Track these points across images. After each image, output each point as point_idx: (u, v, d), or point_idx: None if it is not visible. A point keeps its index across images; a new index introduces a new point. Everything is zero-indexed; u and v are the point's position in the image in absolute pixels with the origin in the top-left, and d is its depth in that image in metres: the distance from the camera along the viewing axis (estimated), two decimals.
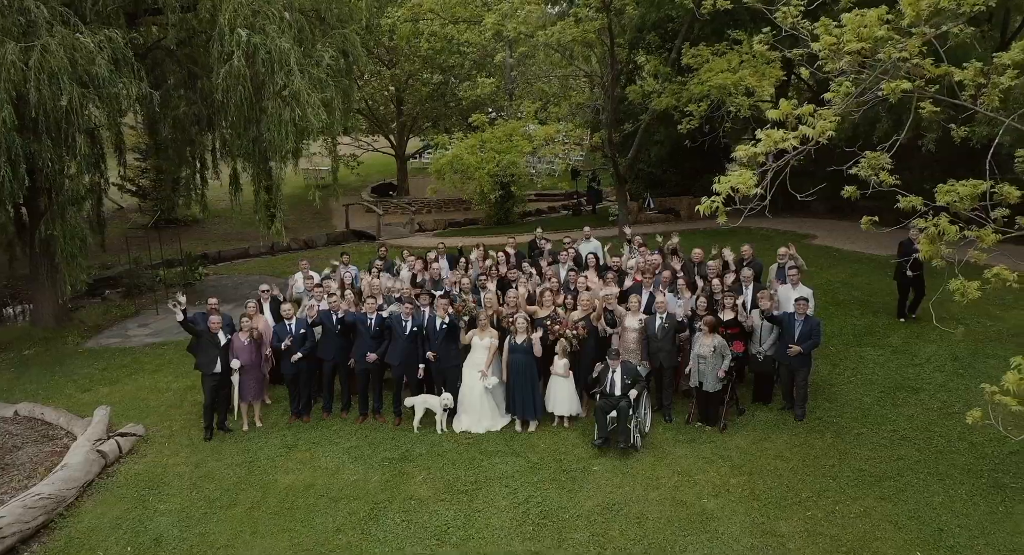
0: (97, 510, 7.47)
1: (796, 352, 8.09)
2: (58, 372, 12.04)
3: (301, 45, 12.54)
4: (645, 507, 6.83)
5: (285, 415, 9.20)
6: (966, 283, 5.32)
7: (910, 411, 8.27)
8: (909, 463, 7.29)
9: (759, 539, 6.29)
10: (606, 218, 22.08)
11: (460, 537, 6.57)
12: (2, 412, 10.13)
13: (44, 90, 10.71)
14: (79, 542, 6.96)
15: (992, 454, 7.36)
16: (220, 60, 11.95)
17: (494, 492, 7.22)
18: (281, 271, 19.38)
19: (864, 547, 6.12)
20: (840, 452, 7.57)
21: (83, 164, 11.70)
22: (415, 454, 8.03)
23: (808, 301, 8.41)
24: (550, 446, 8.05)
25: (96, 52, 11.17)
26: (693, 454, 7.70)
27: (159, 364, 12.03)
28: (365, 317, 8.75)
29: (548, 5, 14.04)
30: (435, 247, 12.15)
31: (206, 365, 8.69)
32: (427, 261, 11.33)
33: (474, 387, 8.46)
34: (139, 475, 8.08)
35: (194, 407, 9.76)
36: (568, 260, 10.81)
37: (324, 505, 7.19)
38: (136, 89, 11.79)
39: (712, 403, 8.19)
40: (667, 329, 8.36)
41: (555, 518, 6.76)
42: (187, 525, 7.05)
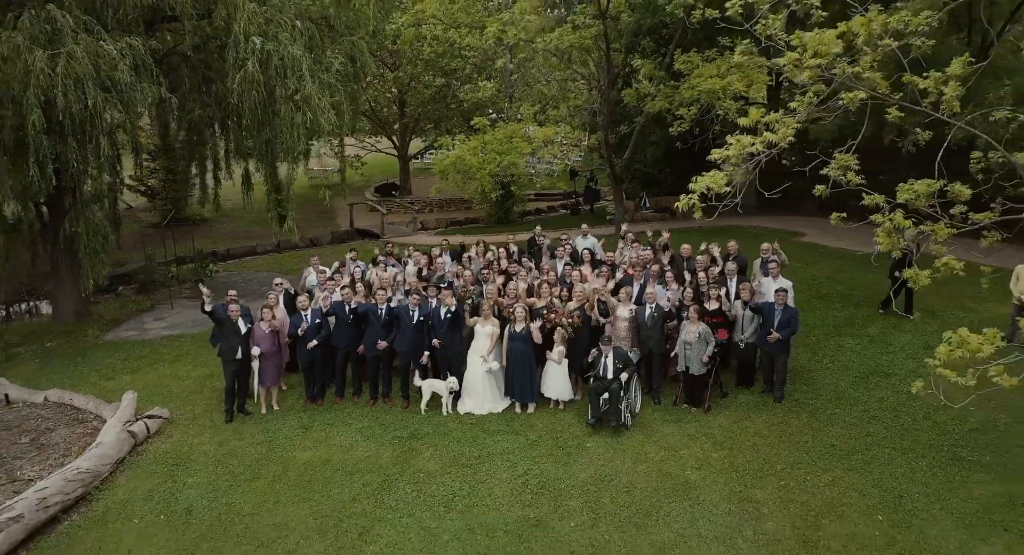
0: (130, 484, 8.12)
1: (775, 339, 8.74)
2: (81, 362, 12.68)
3: (312, 52, 13.17)
4: (634, 478, 7.48)
5: (300, 400, 9.85)
6: (918, 272, 5.95)
7: (881, 394, 8.92)
8: (876, 439, 7.94)
9: (736, 505, 6.94)
10: (604, 217, 22.74)
11: (465, 504, 7.22)
12: (33, 398, 10.77)
13: (70, 95, 11.30)
14: (115, 511, 7.60)
15: (953, 431, 8.01)
16: (235, 66, 12.57)
17: (496, 466, 7.87)
18: (289, 268, 20.01)
19: (831, 511, 6.77)
20: (814, 430, 8.23)
21: (105, 164, 12.32)
22: (423, 433, 8.68)
23: (787, 292, 9.05)
24: (547, 425, 8.71)
25: (118, 59, 11.77)
26: (679, 432, 8.35)
27: (177, 355, 12.67)
28: (376, 307, 9.40)
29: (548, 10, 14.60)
30: (439, 244, 12.81)
31: (228, 352, 9.31)
32: (431, 257, 11.98)
33: (477, 372, 9.12)
34: (167, 453, 8.72)
35: (214, 393, 10.41)
36: (565, 255, 11.46)
37: (340, 478, 7.84)
38: (155, 93, 12.45)
39: (697, 386, 8.84)
40: (656, 318, 9.01)
41: (551, 488, 7.41)
42: (215, 496, 7.70)
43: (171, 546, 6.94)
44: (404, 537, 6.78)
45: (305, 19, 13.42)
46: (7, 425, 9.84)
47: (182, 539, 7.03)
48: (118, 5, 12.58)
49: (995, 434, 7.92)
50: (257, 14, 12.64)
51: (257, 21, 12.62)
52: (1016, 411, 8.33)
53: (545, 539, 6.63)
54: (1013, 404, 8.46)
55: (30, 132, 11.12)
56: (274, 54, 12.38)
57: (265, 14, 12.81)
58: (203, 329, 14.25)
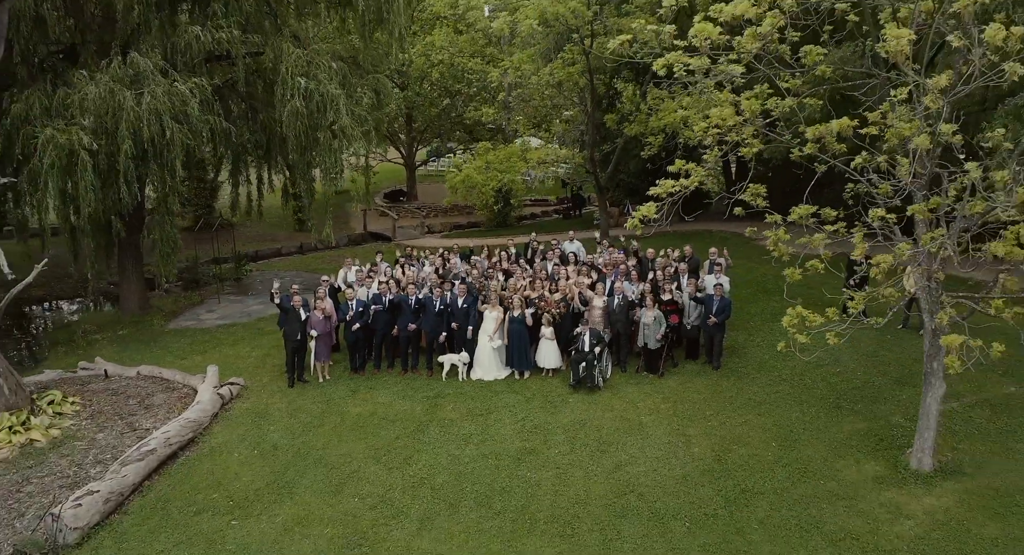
0: (225, 431, 10.80)
1: (714, 322, 11.47)
2: (154, 346, 15.33)
3: (344, 87, 15.83)
4: (602, 422, 10.20)
5: (346, 371, 12.53)
6: (794, 270, 8.64)
7: (792, 363, 11.61)
8: (782, 394, 10.69)
9: (674, 438, 9.67)
10: (591, 221, 25.45)
11: (479, 440, 9.93)
12: (127, 373, 13.41)
13: (152, 127, 13.94)
14: (219, 449, 10.28)
15: (839, 388, 10.77)
16: (283, 101, 15.22)
17: (501, 415, 10.58)
18: (313, 267, 22.69)
19: (740, 441, 9.50)
20: (738, 389, 10.97)
21: (178, 183, 14.96)
22: (445, 393, 11.39)
23: (723, 286, 11.78)
24: (539, 387, 11.43)
25: (188, 96, 14.43)
26: (638, 391, 11.09)
27: (234, 339, 15.34)
28: (407, 298, 12.09)
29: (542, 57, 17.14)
30: (451, 247, 15.51)
31: (291, 334, 11.98)
32: (445, 258, 14.69)
33: (485, 348, 11.83)
34: (249, 410, 11.41)
35: (274, 367, 13.09)
36: (554, 257, 14.18)
37: (385, 424, 10.54)
38: (216, 123, 15.13)
39: (653, 357, 11.57)
40: (622, 306, 11.73)
41: (542, 429, 10.12)
42: (292, 437, 10.39)
43: (266, 470, 9.62)
44: (436, 461, 9.49)
45: (338, 60, 16.08)
46: (115, 392, 12.49)
47: (273, 466, 9.71)
48: (185, 50, 15.29)
49: (870, 390, 10.68)
50: (300, 57, 15.33)
51: (300, 63, 15.30)
52: (891, 374, 11.09)
53: (536, 460, 9.35)
54: (890, 369, 11.22)
55: (121, 158, 13.76)
56: (315, 92, 15.06)
57: (306, 57, 15.49)
58: (252, 319, 17.00)
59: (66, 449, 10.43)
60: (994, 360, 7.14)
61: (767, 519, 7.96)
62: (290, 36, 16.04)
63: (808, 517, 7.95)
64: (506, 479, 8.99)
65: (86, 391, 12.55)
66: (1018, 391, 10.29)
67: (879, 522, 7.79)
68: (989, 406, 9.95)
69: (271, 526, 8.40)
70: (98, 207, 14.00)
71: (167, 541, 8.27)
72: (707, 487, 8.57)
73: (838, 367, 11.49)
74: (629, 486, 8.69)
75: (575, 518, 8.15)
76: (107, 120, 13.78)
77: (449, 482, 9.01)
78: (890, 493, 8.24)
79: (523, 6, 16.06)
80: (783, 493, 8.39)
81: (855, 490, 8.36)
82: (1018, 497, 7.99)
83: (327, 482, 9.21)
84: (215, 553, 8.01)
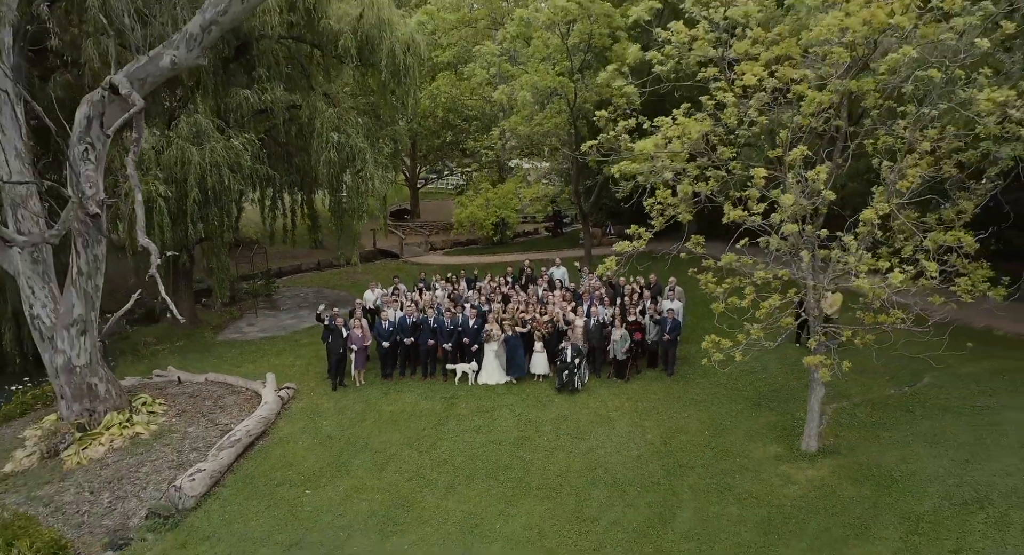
0: (288, 425, 13.88)
1: (667, 339, 14.66)
2: (209, 356, 18.37)
3: (368, 138, 18.92)
4: (580, 416, 13.37)
5: (378, 377, 15.63)
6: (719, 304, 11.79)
7: (730, 371, 14.73)
8: (718, 396, 13.90)
9: (633, 428, 12.86)
10: (576, 239, 28.64)
11: (486, 430, 13.07)
12: (196, 379, 16.46)
13: (213, 176, 17.00)
14: (286, 439, 13.36)
15: (762, 390, 13.99)
16: (318, 151, 18.31)
17: (502, 411, 13.73)
18: (333, 284, 25.79)
19: (682, 430, 12.69)
20: (685, 390, 14.18)
21: (233, 221, 18.00)
22: (459, 395, 14.52)
23: (675, 311, 14.97)
24: (532, 390, 14.59)
25: (241, 150, 17.50)
26: (608, 393, 14.27)
27: (277, 350, 18.40)
28: (427, 319, 15.22)
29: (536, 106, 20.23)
30: (458, 273, 18.64)
31: (335, 348, 15.05)
32: (453, 283, 17.81)
33: (489, 358, 14.97)
34: (304, 409, 14.49)
35: (317, 374, 16.17)
36: (544, 283, 17.34)
37: (413, 419, 13.66)
38: (263, 171, 18.19)
39: (621, 366, 14.75)
40: (598, 326, 14.89)
41: (535, 421, 13.28)
42: (342, 429, 13.49)
43: (325, 454, 12.71)
44: (455, 446, 12.62)
45: (363, 115, 19.17)
46: (191, 395, 15.53)
47: (330, 451, 12.81)
48: (237, 109, 18.31)
49: (784, 392, 13.91)
50: (332, 115, 18.41)
51: (332, 119, 18.40)
52: (803, 380, 14.31)
53: (530, 445, 12.50)
54: (803, 376, 14.44)
55: (189, 203, 16.79)
56: (345, 144, 18.16)
57: (338, 113, 18.59)
58: (288, 332, 20.07)
59: (165, 440, 13.49)
60: (845, 372, 10.37)
61: (695, 485, 11.16)
62: (322, 94, 19.08)
63: (724, 484, 11.15)
64: (507, 459, 12.14)
65: (166, 394, 15.58)
66: (895, 393, 13.53)
67: (773, 486, 10.99)
68: (871, 404, 13.20)
69: (335, 494, 11.50)
70: (168, 241, 17.01)
71: (258, 505, 11.36)
72: (654, 463, 11.76)
73: (764, 374, 14.73)
74: (598, 463, 11.86)
75: (558, 486, 11.31)
76: (176, 171, 16.80)
77: (465, 461, 12.15)
78: (784, 467, 11.46)
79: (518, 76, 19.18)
80: (708, 467, 11.59)
81: (760, 465, 11.57)
82: (874, 470, 11.20)
83: (373, 462, 12.33)
84: (296, 513, 11.10)
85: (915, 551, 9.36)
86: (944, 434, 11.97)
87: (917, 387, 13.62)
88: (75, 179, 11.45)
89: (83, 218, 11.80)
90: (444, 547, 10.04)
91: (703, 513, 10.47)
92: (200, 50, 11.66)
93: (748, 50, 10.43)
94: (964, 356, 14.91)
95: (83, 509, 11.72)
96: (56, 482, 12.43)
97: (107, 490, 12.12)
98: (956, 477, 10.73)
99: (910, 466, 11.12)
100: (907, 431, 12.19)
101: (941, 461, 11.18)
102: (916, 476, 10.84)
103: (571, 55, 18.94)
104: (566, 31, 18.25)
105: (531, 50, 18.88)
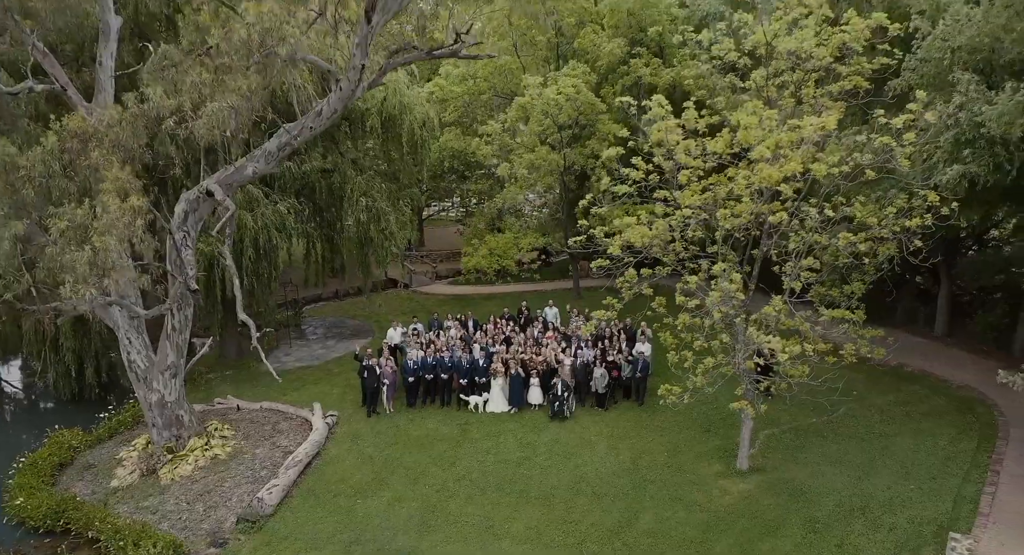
0: (335, 448, 17.39)
1: (639, 377, 18.29)
2: (257, 385, 21.79)
3: (391, 200, 22.44)
4: (569, 440, 16.97)
5: (403, 406, 19.15)
6: (674, 355, 15.38)
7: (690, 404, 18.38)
8: (676, 423, 17.52)
9: (610, 450, 16.46)
10: (565, 270, 32.18)
11: (494, 451, 16.63)
12: (252, 407, 19.91)
13: (263, 236, 20.46)
14: (334, 459, 16.86)
15: (711, 418, 17.61)
16: (348, 211, 21.81)
17: (507, 436, 17.30)
18: (352, 313, 29.24)
19: (648, 450, 16.30)
20: (651, 419, 17.80)
21: (278, 272, 21.47)
22: (470, 421, 18.08)
23: (645, 352, 18.58)
24: (529, 418, 18.18)
25: (285, 213, 20.97)
26: (591, 421, 17.87)
27: (316, 379, 21.88)
28: (443, 359, 18.77)
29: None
30: (465, 314, 22.20)
31: (370, 382, 18.56)
32: (464, 323, 21.37)
33: (495, 391, 18.54)
34: (346, 433, 18.00)
35: (353, 402, 19.66)
36: (539, 324, 20.93)
37: (435, 442, 17.20)
38: (303, 229, 21.68)
39: (601, 398, 18.36)
40: (583, 365, 18.48)
41: (532, 444, 16.87)
42: (379, 450, 17.01)
43: (368, 471, 16.22)
44: (471, 464, 16.18)
45: (387, 180, 22.69)
46: (251, 421, 19.00)
47: (372, 468, 16.33)
48: (281, 177, 21.78)
49: (730, 421, 17.49)
50: (360, 182, 21.92)
51: (360, 185, 21.90)
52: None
53: (529, 463, 16.08)
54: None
55: (244, 260, 20.23)
56: (372, 207, 21.66)
57: (365, 180, 22.10)
58: (321, 362, 23.54)
59: (239, 460, 16.97)
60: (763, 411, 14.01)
61: (655, 495, 14.75)
62: (351, 161, 22.56)
63: (677, 494, 14.75)
64: (512, 474, 15.71)
65: (230, 420, 19.04)
66: (816, 422, 17.16)
67: (713, 497, 14.61)
68: (795, 431, 16.85)
69: (379, 502, 15.02)
70: (226, 291, 20.46)
71: (321, 512, 14.86)
72: (624, 478, 15.37)
73: (715, 404, 18.28)
74: (582, 478, 15.45)
75: (551, 496, 14.89)
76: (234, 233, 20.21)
77: (479, 477, 15.71)
78: (722, 481, 15.09)
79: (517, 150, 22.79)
80: (666, 481, 15.21)
81: (704, 480, 15.20)
82: (788, 484, 14.83)
83: (407, 477, 15.86)
84: (351, 518, 14.61)
85: (810, 546, 13.01)
86: (846, 456, 15.68)
87: (833, 416, 17.23)
88: (179, 261, 14.88)
89: (183, 291, 15.23)
90: (467, 543, 13.59)
91: (660, 516, 14.08)
92: (276, 162, 15.14)
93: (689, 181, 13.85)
94: (876, 389, 18.75)
95: (183, 516, 15.19)
96: (157, 495, 15.90)
97: (200, 501, 15.60)
98: (848, 490, 14.42)
99: (816, 481, 14.81)
100: (818, 453, 15.88)
101: (839, 477, 14.88)
102: (818, 489, 14.52)
103: (561, 129, 22.53)
104: (556, 113, 21.84)
105: (529, 128, 22.45)
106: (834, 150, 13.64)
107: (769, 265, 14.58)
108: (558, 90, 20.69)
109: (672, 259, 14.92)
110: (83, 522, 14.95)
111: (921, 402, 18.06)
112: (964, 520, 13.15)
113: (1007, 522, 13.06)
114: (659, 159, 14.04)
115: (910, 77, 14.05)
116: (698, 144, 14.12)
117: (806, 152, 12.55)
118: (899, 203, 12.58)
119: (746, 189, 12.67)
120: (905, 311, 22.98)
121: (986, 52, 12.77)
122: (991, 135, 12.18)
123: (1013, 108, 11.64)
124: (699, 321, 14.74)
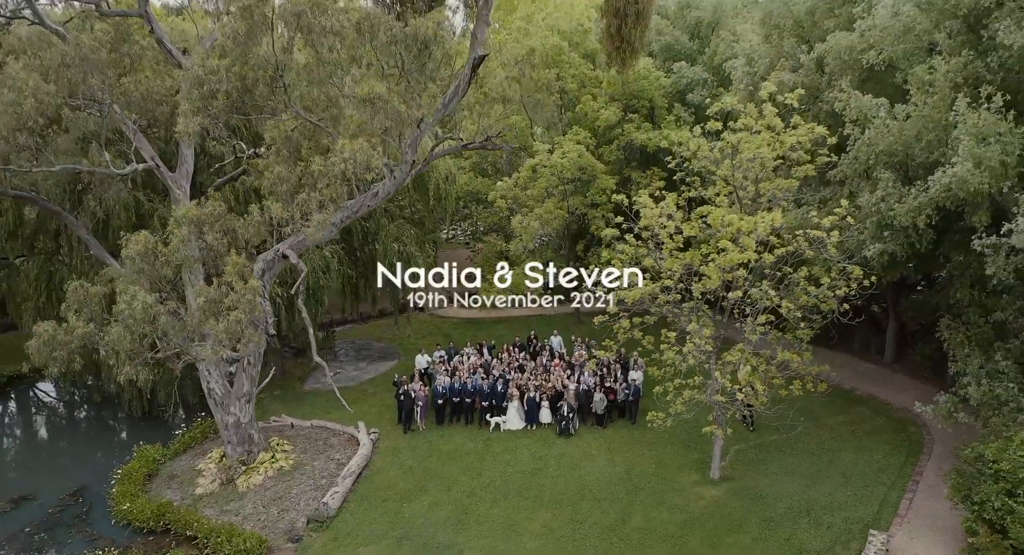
0: (380, 460, 20.95)
1: (632, 400, 21.89)
2: (303, 404, 25.33)
3: (418, 244, 25.98)
4: (574, 454, 20.57)
5: (433, 423, 22.72)
6: (660, 387, 19.00)
7: (674, 424, 22.00)
8: (664, 439, 21.14)
9: (608, 462, 20.06)
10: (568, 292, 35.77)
11: (513, 463, 20.21)
12: (304, 424, 23.43)
13: (311, 280, 23.93)
14: (380, 470, 20.42)
15: (692, 435, 21.20)
16: (381, 255, 25.35)
17: (522, 450, 20.90)
18: (377, 336, 32.77)
19: (637, 461, 19.92)
20: (642, 435, 21.41)
21: (324, 310, 25.00)
22: (493, 438, 21.68)
23: (637, 379, 22.20)
24: (541, 434, 21.78)
25: (330, 258, 24.50)
26: (592, 437, 21.49)
27: (354, 399, 25.33)
28: (466, 385, 22.35)
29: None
30: (480, 343, 25.79)
31: (406, 404, 22.11)
32: (481, 351, 24.97)
33: (512, 412, 22.13)
34: (388, 448, 21.56)
35: (390, 420, 23.20)
36: (547, 353, 24.55)
37: (463, 455, 20.78)
38: (344, 270, 25.22)
39: (601, 418, 21.98)
40: (585, 390, 22.08)
41: (544, 457, 20.46)
42: (417, 462, 20.58)
43: (410, 480, 19.78)
44: (494, 474, 19.76)
45: (415, 226, 26.24)
46: (305, 437, 22.52)
47: (413, 477, 19.88)
48: None
49: (708, 437, 21.10)
50: (394, 229, 25.48)
51: (393, 233, 25.46)
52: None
53: (542, 474, 19.67)
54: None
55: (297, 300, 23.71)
56: (403, 251, 25.22)
57: (396, 227, 25.66)
58: (356, 383, 27.06)
59: (301, 471, 20.51)
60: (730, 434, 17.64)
61: (644, 500, 18.37)
62: (383, 211, 26.08)
63: (661, 499, 18.37)
64: (528, 483, 19.30)
65: (287, 436, 22.55)
66: (777, 439, 20.79)
67: (690, 501, 18.23)
68: (760, 447, 20.50)
69: (421, 506, 18.59)
70: (279, 327, 23.98)
71: (375, 514, 18.41)
72: (620, 486, 18.98)
73: (695, 424, 21.97)
74: (585, 486, 19.05)
75: (560, 501, 18.48)
76: (287, 276, 23.76)
77: (501, 485, 19.29)
78: (698, 488, 18.72)
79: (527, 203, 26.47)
80: (653, 488, 18.83)
81: (684, 487, 18.83)
82: (751, 491, 18.46)
83: (442, 485, 19.43)
84: (399, 518, 18.17)
85: (765, 540, 16.65)
86: (799, 467, 19.35)
87: (792, 434, 20.90)
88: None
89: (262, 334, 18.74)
90: (494, 538, 17.16)
91: (647, 516, 17.69)
92: (336, 231, 18.68)
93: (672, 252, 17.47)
94: (829, 410, 22.44)
95: (261, 518, 18.71)
96: (237, 500, 19.41)
97: (273, 505, 19.12)
98: (798, 495, 18.09)
99: (773, 488, 18.47)
100: (777, 465, 19.54)
101: (792, 485, 18.54)
102: (774, 494, 18.18)
103: (565, 183, 26.20)
104: (562, 171, 25.52)
105: (538, 185, 26.07)
106: (789, 222, 17.29)
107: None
108: (563, 153, 24.34)
109: (657, 310, 18.55)
110: (181, 523, 18.42)
111: (865, 422, 21.76)
112: (884, 520, 16.85)
113: (919, 522, 16.75)
114: (646, 235, 17.67)
115: (844, 171, 17.73)
116: (676, 227, 17.78)
117: (761, 238, 16.15)
118: (826, 280, 16.18)
119: (714, 267, 16.29)
120: (861, 340, 26.66)
121: (901, 155, 16.42)
122: (903, 224, 15.85)
123: (917, 206, 15.31)
124: (679, 361, 18.34)
